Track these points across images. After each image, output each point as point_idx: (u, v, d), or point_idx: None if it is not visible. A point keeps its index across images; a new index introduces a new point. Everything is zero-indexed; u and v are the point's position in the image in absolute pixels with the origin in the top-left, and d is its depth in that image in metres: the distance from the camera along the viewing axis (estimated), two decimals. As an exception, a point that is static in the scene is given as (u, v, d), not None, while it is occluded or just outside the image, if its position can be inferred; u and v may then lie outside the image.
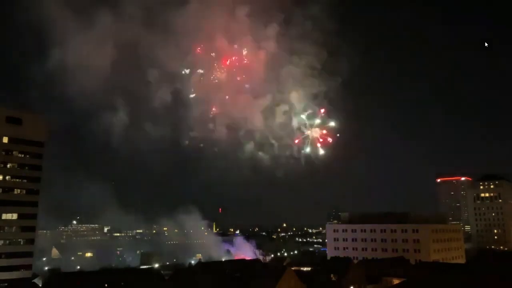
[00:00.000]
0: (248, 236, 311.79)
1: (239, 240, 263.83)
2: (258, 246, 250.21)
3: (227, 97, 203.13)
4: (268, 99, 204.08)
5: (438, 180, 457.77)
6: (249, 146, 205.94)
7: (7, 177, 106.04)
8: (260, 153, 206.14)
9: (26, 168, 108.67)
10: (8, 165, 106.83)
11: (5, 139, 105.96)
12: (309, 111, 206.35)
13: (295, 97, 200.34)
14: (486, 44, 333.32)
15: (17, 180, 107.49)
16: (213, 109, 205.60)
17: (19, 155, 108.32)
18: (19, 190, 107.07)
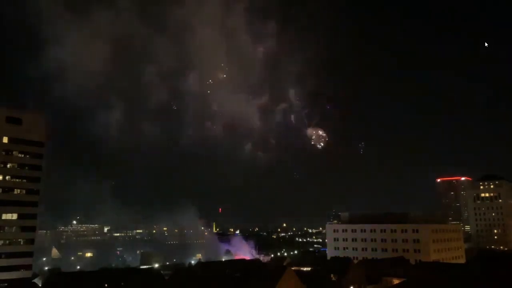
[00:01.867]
0: (248, 236, 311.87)
1: (236, 239, 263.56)
2: (258, 246, 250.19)
3: (225, 95, 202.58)
4: (267, 98, 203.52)
5: (438, 180, 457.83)
6: (248, 146, 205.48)
7: (7, 177, 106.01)
8: (259, 153, 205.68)
9: (26, 168, 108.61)
10: (8, 165, 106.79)
11: (5, 139, 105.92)
12: (309, 110, 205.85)
13: (295, 95, 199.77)
14: (486, 44, 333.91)
15: (17, 180, 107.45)
16: (211, 107, 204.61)
17: (19, 155, 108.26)
18: (19, 190, 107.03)
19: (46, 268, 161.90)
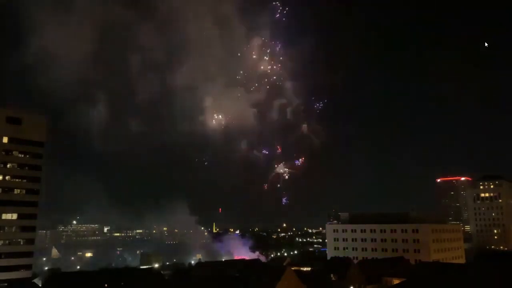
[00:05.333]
0: (248, 236, 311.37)
1: (231, 238, 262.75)
2: (258, 246, 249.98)
3: (219, 88, 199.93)
4: (263, 93, 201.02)
5: (438, 180, 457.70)
6: (244, 143, 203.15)
7: (7, 177, 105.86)
8: (256, 152, 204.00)
9: (26, 168, 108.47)
10: (8, 165, 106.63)
11: (5, 139, 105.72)
12: (307, 107, 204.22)
13: (292, 90, 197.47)
14: (486, 44, 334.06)
15: (17, 180, 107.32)
16: (205, 101, 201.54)
17: (19, 155, 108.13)
18: (19, 190, 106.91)
19: (46, 268, 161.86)
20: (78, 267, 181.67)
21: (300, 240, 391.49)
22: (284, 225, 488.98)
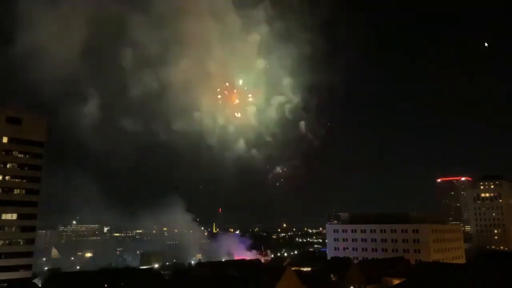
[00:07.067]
0: (248, 236, 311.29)
1: (231, 238, 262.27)
2: (258, 246, 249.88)
3: (216, 86, 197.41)
4: (261, 91, 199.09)
5: (438, 180, 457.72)
6: (242, 142, 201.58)
7: (7, 177, 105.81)
8: (254, 151, 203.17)
9: (26, 168, 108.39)
10: (8, 165, 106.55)
11: (5, 139, 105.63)
12: (306, 105, 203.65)
13: (290, 87, 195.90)
14: (486, 44, 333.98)
15: (17, 180, 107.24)
16: (201, 98, 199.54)
17: (19, 155, 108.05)
18: (19, 190, 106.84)
19: (46, 268, 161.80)
20: (78, 267, 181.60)
21: (300, 240, 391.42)
22: (284, 225, 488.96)
